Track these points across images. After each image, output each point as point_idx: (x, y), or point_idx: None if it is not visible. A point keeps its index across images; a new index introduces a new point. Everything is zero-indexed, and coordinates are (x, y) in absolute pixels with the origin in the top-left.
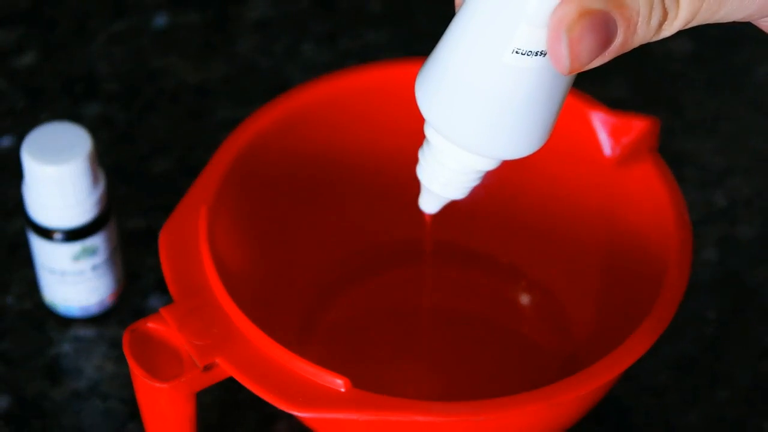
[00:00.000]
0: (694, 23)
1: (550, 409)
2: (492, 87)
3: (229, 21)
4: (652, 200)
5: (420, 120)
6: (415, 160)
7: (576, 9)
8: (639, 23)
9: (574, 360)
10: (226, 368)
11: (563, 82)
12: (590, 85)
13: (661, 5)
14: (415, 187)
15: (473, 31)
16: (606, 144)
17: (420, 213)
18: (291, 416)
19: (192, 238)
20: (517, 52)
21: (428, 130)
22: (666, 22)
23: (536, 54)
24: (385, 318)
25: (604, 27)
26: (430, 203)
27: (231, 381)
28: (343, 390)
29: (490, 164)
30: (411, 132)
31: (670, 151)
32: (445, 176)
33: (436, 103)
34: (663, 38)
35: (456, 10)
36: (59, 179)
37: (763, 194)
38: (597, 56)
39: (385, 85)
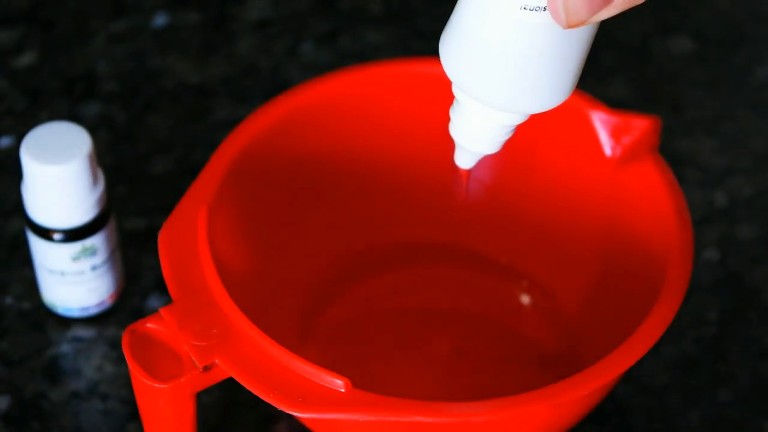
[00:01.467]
0: None
1: (551, 409)
2: (507, 44)
3: (228, 21)
4: (652, 200)
5: (419, 120)
6: (415, 160)
7: None
8: None
9: (575, 360)
10: (225, 368)
11: (579, 35)
12: (591, 84)
13: None
14: (415, 187)
15: None
16: (607, 144)
17: (420, 213)
18: (291, 417)
19: (191, 238)
20: (525, 8)
21: (455, 90)
22: None
23: (544, 9)
24: (385, 318)
25: None
26: (464, 159)
27: (231, 381)
28: (343, 390)
29: (517, 119)
30: (411, 132)
31: (671, 151)
32: (475, 132)
33: (458, 63)
34: None
35: None
36: (59, 179)
37: (763, 194)
38: (597, 9)
39: (385, 85)
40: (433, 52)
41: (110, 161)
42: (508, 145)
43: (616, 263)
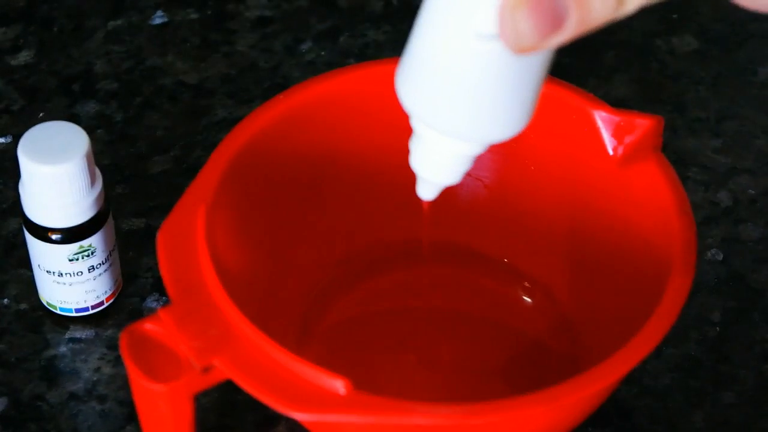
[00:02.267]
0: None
1: (553, 411)
2: (462, 72)
3: (227, 19)
4: (655, 200)
5: None
6: None
7: None
8: (594, 2)
9: (577, 361)
10: (224, 370)
11: (534, 62)
12: (594, 84)
13: None
14: (414, 186)
15: (438, 18)
16: (609, 143)
17: (420, 213)
18: (290, 418)
19: (190, 238)
20: (479, 36)
21: (413, 121)
22: None
23: (497, 37)
24: (385, 318)
25: (550, 9)
26: (426, 191)
27: (229, 383)
28: (342, 392)
29: (475, 148)
30: (410, 131)
31: (674, 151)
32: (435, 163)
33: (414, 93)
34: (627, 15)
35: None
36: (56, 179)
37: (767, 194)
38: (548, 36)
39: (385, 83)
40: None
41: (108, 161)
42: (510, 145)
43: (619, 263)
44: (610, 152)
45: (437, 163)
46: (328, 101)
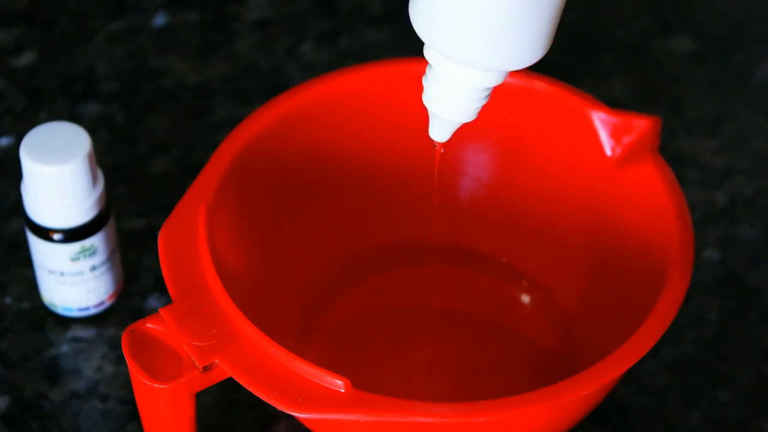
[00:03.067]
0: None
1: (552, 410)
2: None
3: (228, 20)
4: (653, 200)
5: (419, 119)
6: (414, 160)
7: None
8: None
9: (575, 360)
10: (225, 369)
11: None
12: (591, 84)
13: None
14: (415, 186)
15: None
16: (607, 144)
17: (420, 212)
18: (291, 417)
19: (191, 238)
20: None
21: (428, 52)
22: None
23: None
24: (385, 318)
25: None
26: (439, 130)
27: (230, 381)
28: (342, 391)
29: (492, 78)
30: (411, 131)
31: (671, 151)
32: (450, 98)
33: (431, 22)
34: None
35: None
36: (58, 179)
37: (764, 194)
38: None
39: (385, 84)
40: None
41: (110, 161)
42: (508, 145)
43: (617, 263)
44: (608, 153)
45: (452, 98)
46: (328, 102)
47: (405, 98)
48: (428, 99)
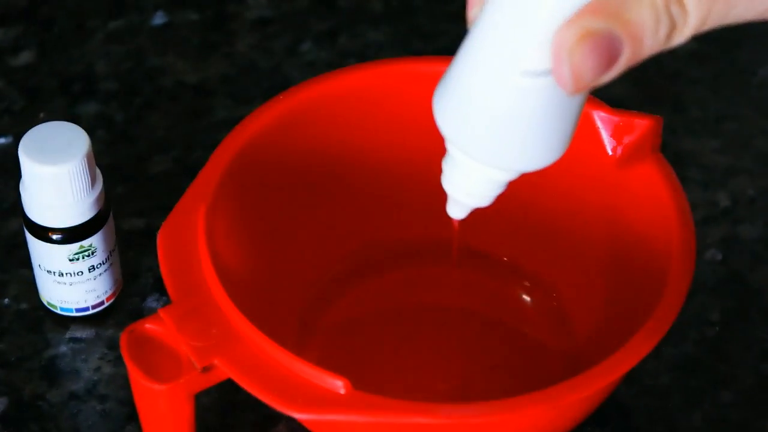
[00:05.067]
0: (706, 28)
1: (553, 410)
2: (504, 105)
3: (228, 20)
4: (654, 200)
5: (419, 119)
6: (415, 159)
7: (577, 32)
8: (646, 36)
9: (577, 361)
10: (224, 369)
11: (576, 97)
12: None
13: (668, 15)
14: (415, 186)
15: (484, 51)
16: (608, 143)
17: (421, 212)
18: (290, 418)
19: (190, 238)
20: (526, 72)
21: (449, 145)
22: (675, 31)
23: (546, 74)
24: (385, 318)
25: (606, 46)
26: (457, 210)
27: (230, 382)
28: (342, 391)
29: (509, 176)
30: (411, 131)
31: (673, 151)
32: (468, 187)
33: (452, 119)
34: (677, 45)
35: (468, 27)
36: (57, 179)
37: (766, 194)
38: (602, 74)
39: (385, 84)
40: (434, 51)
41: (109, 161)
42: None
43: (618, 263)
44: (609, 152)
45: (470, 187)
46: (327, 102)
47: (405, 98)
48: (447, 183)
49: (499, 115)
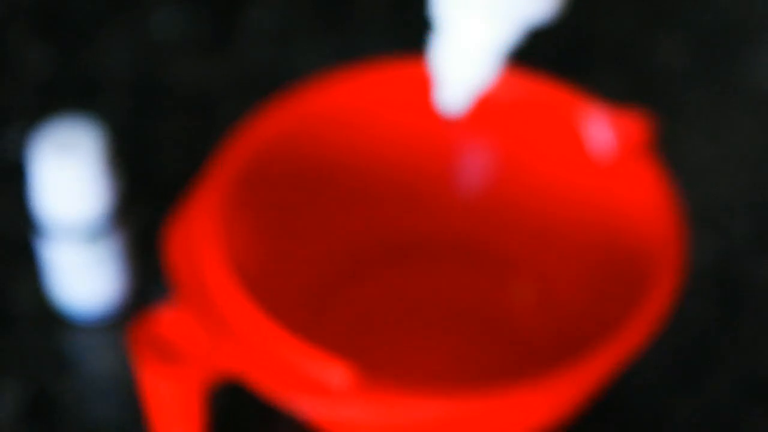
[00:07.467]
0: None
1: (547, 398)
2: None
3: (233, 21)
4: (648, 199)
5: (421, 118)
6: (416, 158)
7: None
8: None
9: (572, 354)
10: (232, 365)
11: None
12: (586, 83)
13: None
14: (416, 184)
15: None
16: (602, 142)
17: (421, 210)
18: (292, 417)
19: (197, 238)
20: None
21: (443, 16)
22: None
23: None
24: (389, 315)
25: None
26: (452, 98)
27: (234, 379)
28: (348, 386)
29: (509, 31)
30: (412, 131)
31: (667, 149)
32: (464, 59)
33: None
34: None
35: None
36: (66, 178)
37: (760, 193)
38: None
39: (385, 84)
40: None
41: (116, 161)
42: (504, 143)
43: (613, 261)
44: (603, 151)
45: (465, 59)
46: (330, 102)
47: (406, 98)
48: (443, 65)
49: None
